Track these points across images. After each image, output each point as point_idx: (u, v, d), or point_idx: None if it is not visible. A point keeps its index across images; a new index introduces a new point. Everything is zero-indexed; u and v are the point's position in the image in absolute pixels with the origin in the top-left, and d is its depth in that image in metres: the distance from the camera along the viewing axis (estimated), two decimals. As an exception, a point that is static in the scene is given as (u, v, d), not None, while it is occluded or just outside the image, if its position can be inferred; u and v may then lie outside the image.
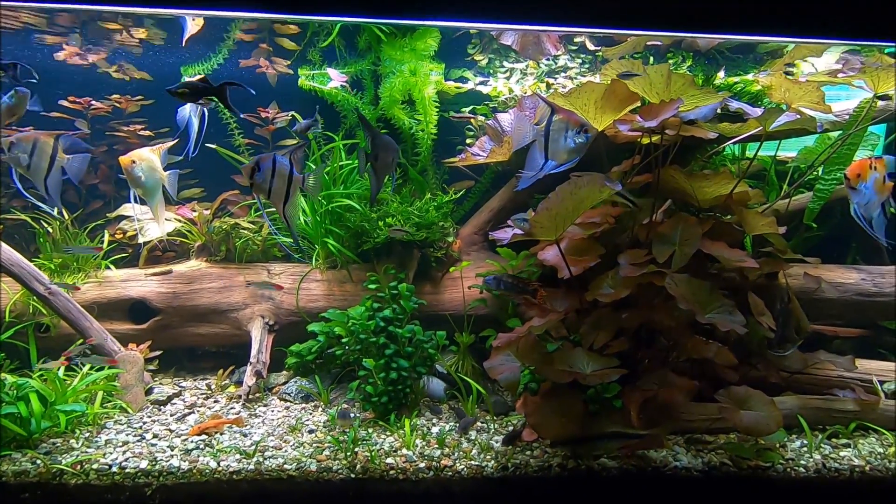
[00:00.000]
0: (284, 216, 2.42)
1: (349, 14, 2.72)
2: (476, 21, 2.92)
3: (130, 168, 2.64)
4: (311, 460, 2.56)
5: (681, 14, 2.34)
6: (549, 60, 3.45)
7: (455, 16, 2.60)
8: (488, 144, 3.36)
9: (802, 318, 3.08)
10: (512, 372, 2.67)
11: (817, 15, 2.36)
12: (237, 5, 2.57)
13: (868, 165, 2.30)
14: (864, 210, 2.31)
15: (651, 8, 2.35)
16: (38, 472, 2.43)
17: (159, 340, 3.49)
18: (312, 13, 2.91)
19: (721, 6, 2.34)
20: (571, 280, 2.82)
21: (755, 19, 2.40)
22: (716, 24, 2.41)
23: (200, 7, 2.69)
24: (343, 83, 3.53)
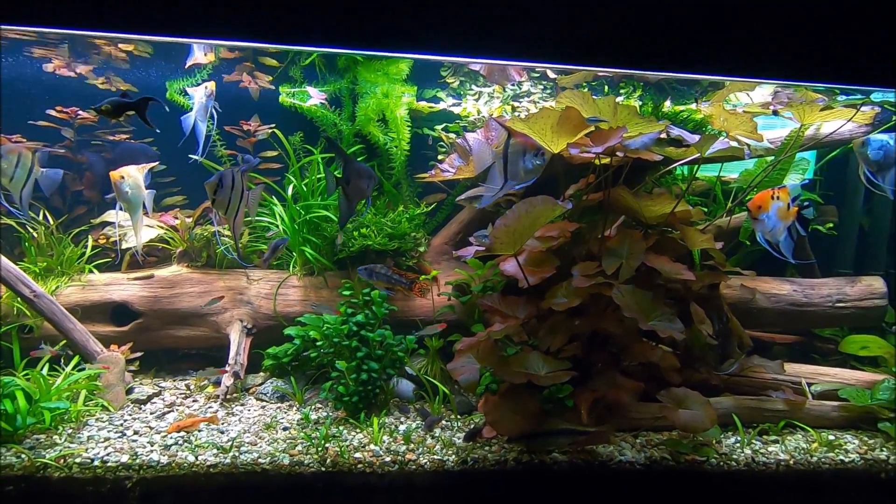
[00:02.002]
0: (234, 228, 2.66)
1: (327, 45, 2.95)
2: (446, 55, 3.17)
3: (119, 183, 2.83)
4: (285, 455, 2.75)
5: (628, 54, 2.63)
6: (513, 86, 3.73)
7: (426, 50, 2.85)
8: (458, 161, 3.61)
9: (743, 334, 3.37)
10: (472, 373, 2.90)
11: (751, 57, 2.67)
12: (223, 35, 2.77)
13: (770, 196, 2.60)
14: (769, 235, 2.61)
15: (602, 48, 2.62)
16: (22, 466, 2.57)
17: (140, 342, 3.64)
18: (294, 44, 3.13)
19: (665, 48, 2.62)
20: (530, 289, 3.08)
21: (697, 60, 2.69)
22: (660, 64, 2.70)
23: (189, 35, 2.88)
24: (322, 101, 3.74)
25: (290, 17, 2.48)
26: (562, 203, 2.71)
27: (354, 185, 2.67)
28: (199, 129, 3.00)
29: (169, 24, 2.52)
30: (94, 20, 2.44)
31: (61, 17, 2.44)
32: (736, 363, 3.18)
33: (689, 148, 3.17)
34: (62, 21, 2.45)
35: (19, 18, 2.45)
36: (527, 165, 2.70)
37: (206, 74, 3.92)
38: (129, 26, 2.52)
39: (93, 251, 3.75)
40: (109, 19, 2.44)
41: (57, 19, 2.48)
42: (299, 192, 3.79)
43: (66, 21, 2.47)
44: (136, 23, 2.47)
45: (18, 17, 2.42)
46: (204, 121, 3.00)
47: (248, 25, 2.52)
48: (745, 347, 3.30)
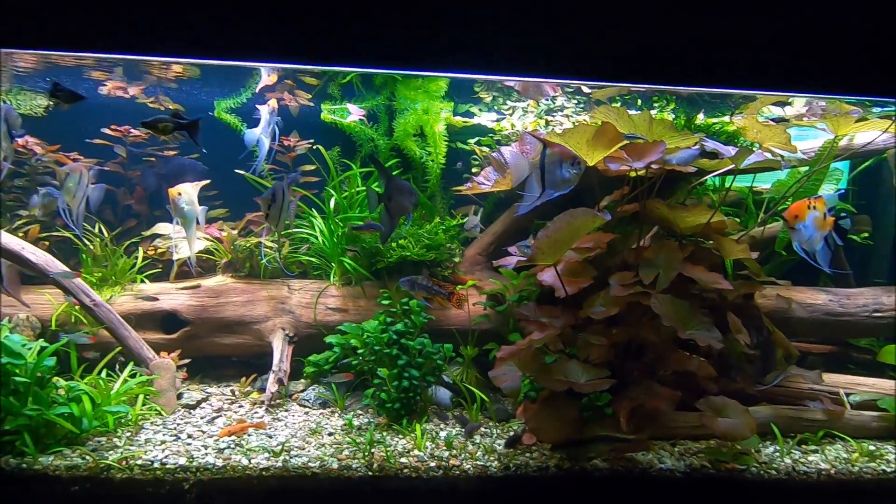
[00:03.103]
0: (279, 239, 2.80)
1: (367, 66, 3.10)
2: (482, 73, 3.30)
3: (176, 199, 3.01)
4: (333, 459, 2.85)
5: (663, 70, 2.71)
6: (547, 101, 3.83)
7: (463, 69, 2.98)
8: (492, 174, 3.71)
9: (789, 346, 3.36)
10: (513, 381, 2.97)
11: (784, 72, 2.73)
12: (264, 57, 2.93)
13: (806, 206, 2.65)
14: (806, 245, 2.65)
15: (636, 65, 2.71)
16: (87, 467, 2.71)
17: (188, 349, 3.79)
18: (336, 64, 3.28)
19: (699, 64, 2.70)
20: (567, 299, 3.15)
21: (731, 75, 2.76)
22: (692, 79, 2.78)
23: (238, 58, 3.05)
24: (361, 117, 3.89)
25: (331, 40, 2.62)
26: (601, 214, 2.79)
27: (396, 201, 2.77)
28: (262, 144, 3.16)
29: (219, 48, 2.68)
30: (148, 44, 2.61)
31: (115, 42, 2.62)
32: (782, 374, 3.19)
33: (721, 160, 3.24)
34: (108, 45, 2.63)
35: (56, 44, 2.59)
36: (564, 175, 2.78)
37: (249, 94, 4.11)
38: (181, 50, 2.70)
39: (143, 262, 3.92)
40: (159, 42, 2.61)
41: (109, 44, 2.66)
42: (339, 205, 3.93)
43: (114, 45, 2.65)
44: (187, 47, 2.64)
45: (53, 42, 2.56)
46: (268, 136, 3.16)
47: (292, 47, 2.67)
48: (792, 359, 3.32)
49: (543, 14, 2.53)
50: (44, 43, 2.51)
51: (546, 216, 3.94)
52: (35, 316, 3.60)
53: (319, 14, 2.49)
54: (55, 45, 2.68)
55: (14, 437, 2.72)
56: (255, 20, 2.48)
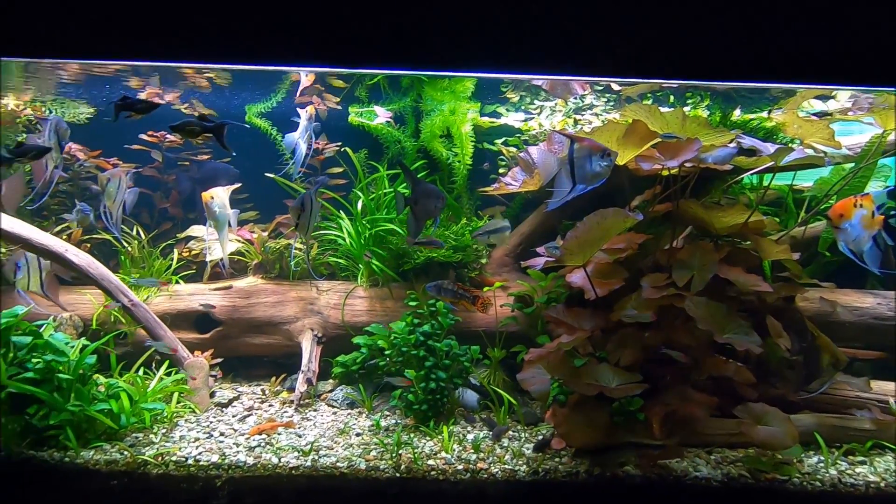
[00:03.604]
0: (307, 243, 2.83)
1: (393, 67, 3.10)
2: (509, 72, 3.26)
3: (210, 203, 3.09)
4: (361, 459, 2.86)
5: (694, 65, 2.62)
6: (576, 99, 3.77)
7: (490, 68, 2.95)
8: (520, 175, 3.67)
9: (836, 351, 3.20)
10: (542, 384, 2.93)
11: (824, 64, 2.61)
12: (294, 61, 2.96)
13: (852, 204, 2.51)
14: (853, 245, 2.51)
15: (666, 60, 2.63)
16: (125, 462, 2.79)
17: (220, 349, 3.87)
18: (364, 67, 3.31)
19: (731, 58, 2.60)
20: (597, 301, 3.08)
21: (766, 69, 2.65)
22: (726, 74, 2.68)
23: (268, 63, 3.10)
24: (388, 119, 3.91)
25: (359, 43, 2.63)
26: (632, 214, 2.72)
27: (422, 204, 2.77)
28: (298, 148, 3.22)
29: (253, 54, 2.73)
30: (185, 49, 2.68)
31: (151, 50, 2.69)
32: (829, 381, 3.04)
33: (760, 157, 3.12)
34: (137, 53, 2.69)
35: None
36: (594, 168, 2.71)
37: (280, 97, 4.18)
38: (213, 56, 2.76)
39: (178, 263, 4.04)
40: (194, 48, 2.67)
41: (147, 52, 2.74)
42: (366, 207, 3.96)
43: (149, 52, 2.72)
44: (219, 53, 2.69)
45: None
46: (305, 140, 3.21)
47: (321, 51, 2.69)
48: (840, 365, 3.16)
49: (571, 9, 2.48)
50: (79, 51, 2.60)
51: (575, 217, 3.89)
52: (77, 315, 3.74)
53: (347, 17, 2.51)
54: (88, 54, 2.78)
55: (58, 432, 2.82)
56: (284, 25, 2.51)
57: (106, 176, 3.15)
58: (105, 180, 3.14)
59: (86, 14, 2.40)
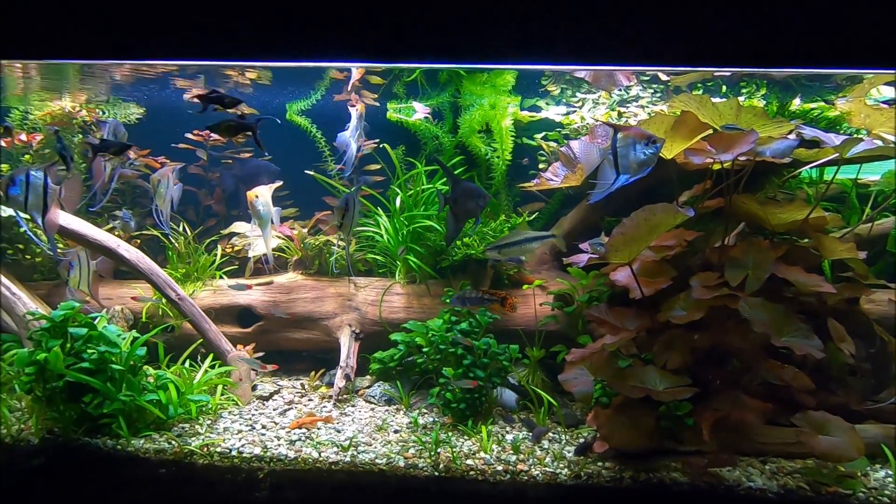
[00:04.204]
0: (348, 241, 2.81)
1: (434, 61, 3.06)
2: (550, 64, 3.17)
3: (254, 202, 3.16)
4: (399, 457, 2.85)
5: (750, 52, 2.46)
6: (620, 90, 3.63)
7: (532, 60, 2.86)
8: (561, 170, 3.58)
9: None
10: (585, 385, 2.84)
11: None
12: (332, 57, 2.96)
13: None
14: None
15: (719, 47, 2.48)
16: (173, 452, 2.88)
17: (261, 343, 3.95)
18: (403, 61, 3.28)
19: (791, 43, 2.43)
20: (642, 300, 2.96)
21: (826, 53, 2.47)
22: (785, 60, 2.50)
23: (308, 59, 3.12)
24: (426, 114, 3.88)
25: (399, 36, 2.60)
26: (683, 210, 2.60)
27: (461, 204, 2.71)
28: (350, 148, 3.23)
29: (293, 52, 2.74)
30: (228, 48, 2.71)
31: (196, 48, 2.74)
32: None
33: (820, 149, 2.92)
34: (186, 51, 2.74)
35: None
36: (639, 156, 2.58)
37: (319, 95, 4.22)
38: (253, 54, 2.78)
39: (221, 259, 4.14)
40: (233, 48, 2.70)
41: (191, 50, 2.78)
42: (404, 204, 3.94)
43: (187, 50, 2.76)
44: (258, 50, 2.71)
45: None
46: (355, 139, 3.23)
47: (358, 46, 2.67)
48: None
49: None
50: (122, 51, 2.68)
51: (618, 213, 3.76)
52: (128, 308, 3.89)
53: (385, 11, 2.48)
54: (131, 54, 2.85)
55: (110, 420, 2.94)
56: (321, 20, 2.51)
57: (157, 177, 3.29)
58: (156, 181, 3.29)
59: (113, 12, 2.46)
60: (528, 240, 2.99)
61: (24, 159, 4.07)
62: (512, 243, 2.97)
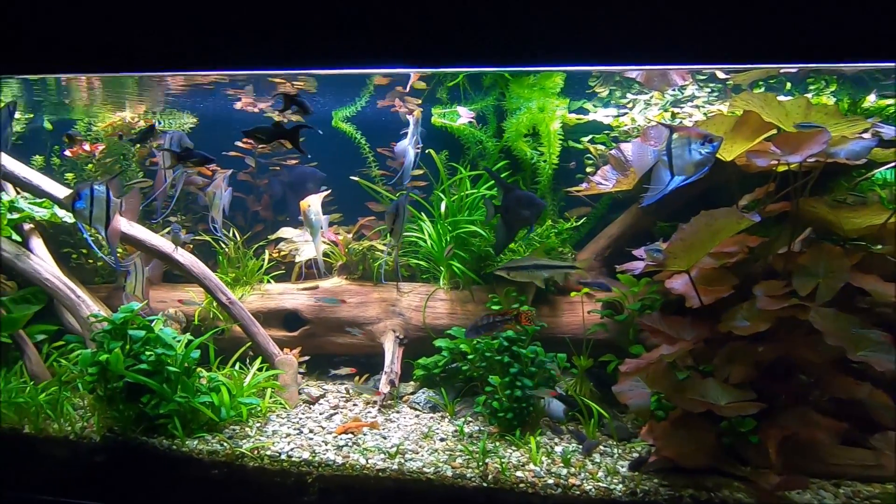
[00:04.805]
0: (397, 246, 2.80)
1: (480, 64, 3.02)
2: (599, 65, 3.08)
3: (307, 211, 3.21)
4: (447, 466, 2.80)
5: (819, 45, 2.31)
6: (674, 90, 3.50)
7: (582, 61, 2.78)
8: (611, 173, 3.47)
9: None
10: (642, 398, 2.72)
11: None
12: (377, 63, 2.96)
13: None
14: None
15: (786, 41, 2.33)
16: (225, 454, 2.93)
17: (306, 347, 3.99)
18: (451, 65, 3.26)
19: (864, 36, 2.26)
20: (700, 310, 2.82)
21: None
22: (859, 54, 2.33)
23: (353, 66, 3.14)
24: (471, 119, 3.85)
25: (441, 41, 2.57)
26: (748, 215, 2.46)
27: (514, 213, 2.65)
28: (409, 156, 3.25)
29: (337, 58, 2.75)
30: (274, 56, 2.75)
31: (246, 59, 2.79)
32: None
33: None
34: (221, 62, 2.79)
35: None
36: (695, 157, 2.47)
37: (363, 102, 4.26)
38: (299, 62, 2.81)
39: (269, 264, 4.22)
40: (283, 57, 2.73)
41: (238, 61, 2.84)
42: (448, 209, 3.92)
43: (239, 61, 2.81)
44: (303, 59, 2.74)
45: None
46: (413, 146, 3.25)
47: (403, 52, 2.66)
48: None
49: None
50: (163, 63, 2.76)
51: (672, 218, 3.62)
52: (181, 311, 4.02)
53: (429, 16, 2.46)
54: (171, 66, 2.94)
55: (166, 421, 3.02)
56: (367, 27, 2.51)
57: (212, 190, 3.45)
58: (212, 194, 3.44)
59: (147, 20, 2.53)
60: (540, 267, 2.94)
61: (87, 168, 4.28)
62: (523, 267, 2.92)
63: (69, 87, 3.97)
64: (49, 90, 4.07)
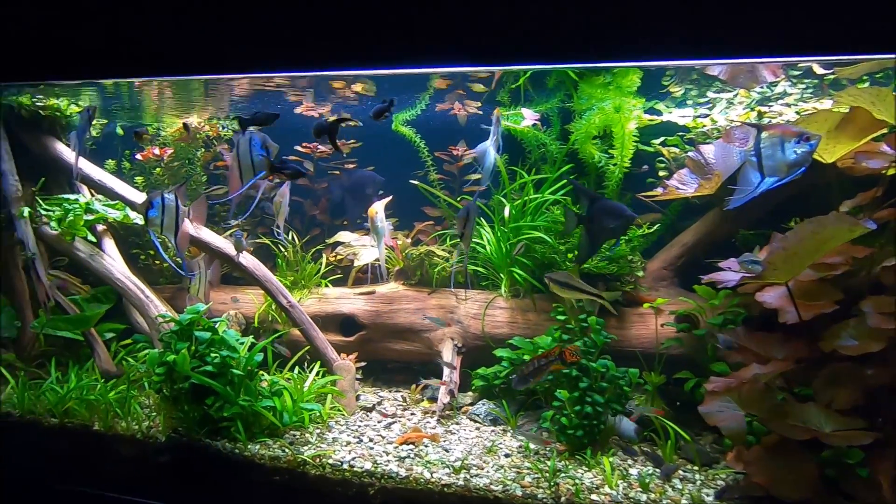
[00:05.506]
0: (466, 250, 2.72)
1: (548, 62, 2.88)
2: (677, 59, 2.88)
3: (374, 218, 3.21)
4: (516, 485, 2.65)
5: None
6: (763, 88, 3.25)
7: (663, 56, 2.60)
8: (689, 177, 3.25)
9: None
10: (734, 421, 2.49)
11: None
12: (439, 62, 2.88)
13: None
14: None
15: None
16: (286, 460, 2.88)
17: (362, 353, 3.94)
18: (509, 64, 3.14)
19: None
20: (794, 326, 2.57)
21: None
22: None
23: (416, 65, 3.06)
24: (535, 121, 3.72)
25: (507, 39, 2.45)
26: (862, 222, 2.21)
27: (600, 223, 2.48)
28: (489, 156, 3.17)
29: (401, 58, 2.67)
30: (335, 58, 2.70)
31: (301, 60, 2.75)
32: None
33: None
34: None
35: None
36: (789, 156, 2.24)
37: (423, 105, 4.19)
38: (363, 63, 2.75)
39: (326, 268, 4.20)
40: (348, 58, 2.68)
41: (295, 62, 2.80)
42: (511, 213, 3.79)
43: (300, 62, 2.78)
44: (367, 60, 2.68)
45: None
46: (496, 148, 3.16)
47: (468, 50, 2.55)
48: None
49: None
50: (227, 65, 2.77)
51: (756, 225, 3.36)
52: (240, 313, 4.05)
53: (492, 13, 2.35)
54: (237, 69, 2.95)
55: (229, 424, 3.01)
56: (427, 26, 2.42)
57: (279, 199, 3.53)
58: (279, 203, 3.52)
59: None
60: (570, 286, 2.79)
61: (155, 172, 4.41)
62: (557, 281, 2.79)
63: (140, 92, 4.10)
64: (122, 95, 4.21)
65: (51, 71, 2.94)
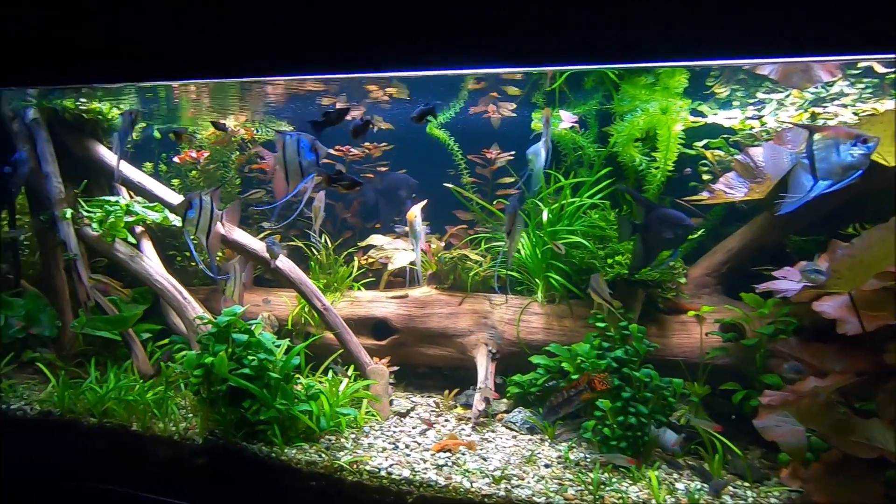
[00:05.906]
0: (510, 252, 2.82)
1: (589, 62, 2.81)
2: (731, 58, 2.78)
3: (413, 221, 3.19)
4: (559, 497, 2.58)
5: None
6: (818, 87, 3.12)
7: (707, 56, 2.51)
8: (736, 181, 3.15)
9: None
10: (794, 436, 2.38)
11: None
12: (479, 63, 2.83)
13: None
14: None
15: None
16: (323, 465, 2.85)
17: (395, 357, 3.90)
18: (548, 64, 3.08)
19: None
20: (858, 338, 2.45)
21: None
22: None
23: (454, 66, 3.02)
24: (573, 123, 3.64)
25: (545, 39, 2.38)
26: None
27: (656, 232, 2.41)
28: (539, 158, 3.12)
29: (430, 59, 2.62)
30: (367, 60, 2.66)
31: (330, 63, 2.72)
32: None
33: None
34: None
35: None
36: (845, 159, 2.14)
37: (458, 108, 4.16)
38: (395, 64, 2.71)
39: (358, 271, 4.18)
40: (382, 60, 2.64)
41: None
42: (548, 217, 3.72)
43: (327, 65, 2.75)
44: (400, 61, 2.64)
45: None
46: (547, 150, 3.11)
47: (506, 51, 2.49)
48: None
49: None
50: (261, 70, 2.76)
51: (806, 231, 3.23)
52: (274, 315, 4.05)
53: (530, 13, 2.29)
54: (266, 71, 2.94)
55: (266, 427, 2.99)
56: (464, 28, 2.37)
57: (317, 204, 3.56)
58: (318, 208, 3.56)
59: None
60: (594, 289, 2.98)
61: (191, 174, 4.45)
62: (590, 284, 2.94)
63: (179, 96, 4.15)
64: (160, 99, 4.27)
65: (50, 73, 2.94)
